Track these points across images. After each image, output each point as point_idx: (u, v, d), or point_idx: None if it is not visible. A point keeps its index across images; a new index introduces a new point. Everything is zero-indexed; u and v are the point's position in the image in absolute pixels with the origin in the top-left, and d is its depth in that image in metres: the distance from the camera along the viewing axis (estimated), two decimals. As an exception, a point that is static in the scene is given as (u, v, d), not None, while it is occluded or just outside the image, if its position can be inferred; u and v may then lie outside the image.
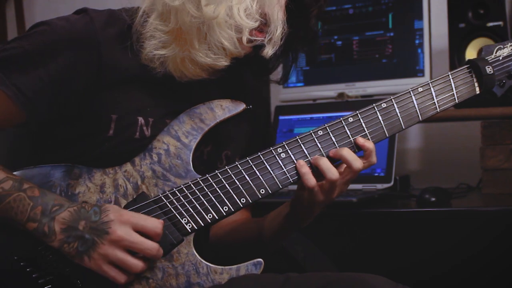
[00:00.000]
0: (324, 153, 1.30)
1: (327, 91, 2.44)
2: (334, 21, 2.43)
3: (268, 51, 1.29)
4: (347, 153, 1.28)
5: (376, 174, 2.14)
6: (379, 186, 2.11)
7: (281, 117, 2.35)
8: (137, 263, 1.19)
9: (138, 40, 1.30)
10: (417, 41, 2.31)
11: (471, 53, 2.17)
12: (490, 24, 2.14)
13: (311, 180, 1.28)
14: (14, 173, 1.25)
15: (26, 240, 1.21)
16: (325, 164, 1.27)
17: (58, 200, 1.20)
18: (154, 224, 1.21)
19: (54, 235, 1.18)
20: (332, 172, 1.27)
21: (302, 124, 2.30)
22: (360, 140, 1.30)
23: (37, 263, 1.22)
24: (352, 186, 1.32)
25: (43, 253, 1.22)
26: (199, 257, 1.27)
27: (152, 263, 1.25)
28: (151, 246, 1.20)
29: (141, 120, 1.32)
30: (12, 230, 1.21)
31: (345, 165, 1.29)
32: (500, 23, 2.13)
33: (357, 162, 1.28)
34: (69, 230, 1.18)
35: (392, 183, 2.10)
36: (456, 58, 2.18)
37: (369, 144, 1.30)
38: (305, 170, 1.28)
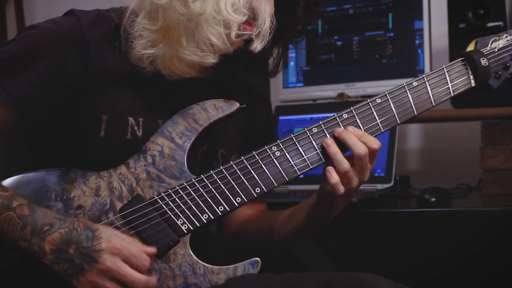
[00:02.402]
0: (319, 151, 1.31)
1: (327, 91, 2.44)
2: (334, 21, 2.43)
3: (257, 45, 1.28)
4: (351, 139, 1.28)
5: (376, 174, 2.14)
6: (379, 186, 2.10)
7: (281, 117, 2.34)
8: None
9: (127, 40, 1.30)
10: (417, 41, 2.31)
11: (471, 53, 2.16)
12: (490, 24, 2.14)
13: (341, 189, 1.28)
14: (10, 178, 1.25)
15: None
16: (335, 155, 1.28)
17: (48, 219, 1.19)
18: (144, 260, 1.20)
19: (45, 255, 1.17)
20: (343, 165, 1.27)
21: (302, 124, 2.29)
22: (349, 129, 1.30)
23: (33, 270, 1.21)
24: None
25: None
26: (195, 258, 1.27)
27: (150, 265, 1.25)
28: (139, 279, 1.19)
29: (131, 120, 1.32)
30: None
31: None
32: (500, 23, 2.13)
33: (359, 148, 1.27)
34: (59, 252, 1.17)
35: (392, 183, 2.10)
36: (456, 58, 2.17)
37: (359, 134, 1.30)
38: (335, 180, 1.27)
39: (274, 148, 1.31)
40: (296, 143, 1.31)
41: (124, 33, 1.30)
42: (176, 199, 1.27)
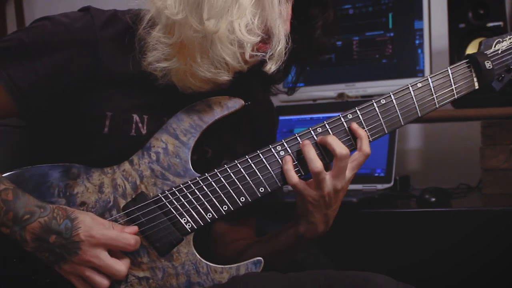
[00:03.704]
0: (321, 151, 1.29)
1: (327, 91, 2.44)
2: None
3: (271, 67, 1.26)
4: (331, 139, 1.27)
5: (376, 174, 2.14)
6: (379, 186, 2.11)
7: (281, 117, 2.34)
8: (101, 281, 1.20)
9: (141, 48, 1.29)
10: (417, 41, 2.31)
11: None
12: (490, 24, 2.14)
13: (293, 177, 1.27)
14: (12, 172, 1.25)
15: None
16: (309, 154, 1.27)
17: (29, 207, 1.19)
18: (126, 240, 1.21)
19: (26, 243, 1.18)
20: (315, 164, 1.26)
21: (302, 124, 2.30)
22: (354, 126, 1.29)
23: (35, 265, 1.22)
24: (352, 186, 1.31)
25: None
26: (199, 257, 1.27)
27: (154, 263, 1.26)
28: (118, 270, 1.20)
29: (135, 117, 1.31)
30: None
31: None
32: (500, 23, 2.13)
33: (340, 148, 1.25)
34: (39, 241, 1.18)
35: (392, 183, 2.10)
36: (456, 58, 2.18)
37: (361, 132, 1.29)
38: (288, 167, 1.27)
39: (278, 147, 1.30)
40: (301, 142, 1.30)
41: (139, 41, 1.29)
42: (180, 197, 1.27)
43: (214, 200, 1.27)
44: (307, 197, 1.29)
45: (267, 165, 1.29)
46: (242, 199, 1.28)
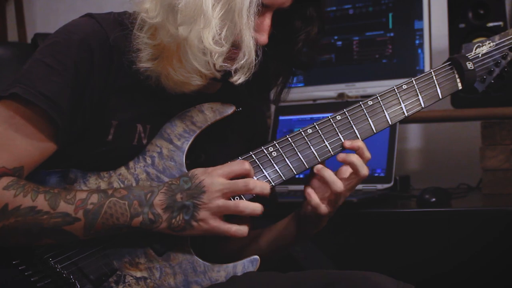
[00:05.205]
0: (314, 151, 1.34)
1: (327, 91, 2.44)
2: (334, 21, 2.44)
3: (238, 79, 1.26)
4: (356, 159, 1.31)
5: (376, 174, 2.14)
6: (379, 186, 2.11)
7: (281, 117, 2.35)
8: (238, 202, 1.24)
9: (132, 51, 1.28)
10: (417, 41, 2.31)
11: (471, 53, 2.17)
12: (490, 24, 2.15)
13: (315, 199, 1.32)
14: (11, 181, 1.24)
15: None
16: (330, 177, 1.30)
17: (146, 188, 1.24)
18: (239, 165, 1.26)
19: (160, 218, 1.22)
20: (337, 185, 1.30)
21: (302, 124, 2.29)
22: (347, 143, 1.34)
23: (36, 266, 1.22)
24: (352, 187, 1.34)
25: (41, 256, 1.22)
26: (195, 256, 1.28)
27: (151, 263, 1.26)
28: (245, 182, 1.24)
29: (139, 127, 1.32)
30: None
31: (349, 171, 1.32)
32: (500, 23, 2.13)
33: (364, 169, 1.31)
34: (170, 207, 1.22)
35: (392, 183, 2.10)
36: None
37: (358, 143, 1.33)
38: (309, 190, 1.33)
39: (270, 148, 1.33)
40: (292, 143, 1.33)
41: (133, 44, 1.28)
42: None
43: None
44: (324, 211, 1.33)
45: (260, 165, 1.32)
46: (236, 198, 1.29)
